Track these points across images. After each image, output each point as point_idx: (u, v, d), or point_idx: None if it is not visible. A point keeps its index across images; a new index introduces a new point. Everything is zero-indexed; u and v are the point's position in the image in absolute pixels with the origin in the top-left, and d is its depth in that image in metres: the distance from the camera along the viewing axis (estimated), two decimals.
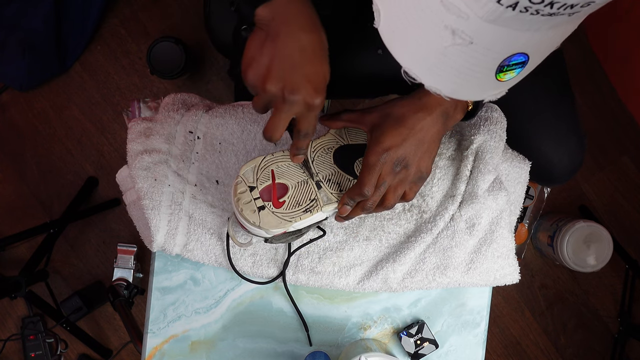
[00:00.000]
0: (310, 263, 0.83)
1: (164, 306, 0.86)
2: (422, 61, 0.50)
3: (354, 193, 0.69)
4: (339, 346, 0.87)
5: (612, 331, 1.69)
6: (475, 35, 0.45)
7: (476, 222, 0.82)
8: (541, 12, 0.42)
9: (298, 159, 0.69)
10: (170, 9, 1.64)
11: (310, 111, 0.62)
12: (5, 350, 1.59)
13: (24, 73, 1.55)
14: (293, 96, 0.60)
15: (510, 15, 0.42)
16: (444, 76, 0.51)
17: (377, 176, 0.68)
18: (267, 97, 0.62)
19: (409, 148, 0.69)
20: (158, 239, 0.80)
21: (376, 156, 0.68)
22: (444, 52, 0.48)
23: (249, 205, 0.69)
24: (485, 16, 0.43)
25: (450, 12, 0.44)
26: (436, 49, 0.48)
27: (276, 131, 0.63)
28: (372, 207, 0.71)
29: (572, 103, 0.92)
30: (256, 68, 0.62)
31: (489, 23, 0.44)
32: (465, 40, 0.46)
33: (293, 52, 0.60)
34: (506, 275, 0.85)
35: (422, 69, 0.51)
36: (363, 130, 0.74)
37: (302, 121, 0.64)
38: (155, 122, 0.84)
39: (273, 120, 0.63)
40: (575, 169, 0.92)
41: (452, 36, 0.46)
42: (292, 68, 0.60)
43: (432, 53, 0.49)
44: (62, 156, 1.64)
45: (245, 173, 0.70)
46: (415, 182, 0.72)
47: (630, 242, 1.66)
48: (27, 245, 1.62)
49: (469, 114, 0.75)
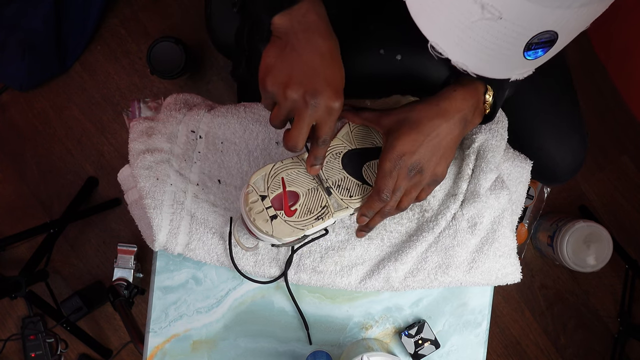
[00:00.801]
0: (312, 262, 0.83)
1: (166, 305, 0.86)
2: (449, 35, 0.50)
3: (372, 201, 0.70)
4: (341, 346, 0.87)
5: (612, 331, 1.69)
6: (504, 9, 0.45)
7: (478, 222, 0.82)
8: None
9: (315, 170, 0.68)
10: (170, 9, 1.64)
11: (330, 115, 0.62)
12: (5, 350, 1.58)
13: (24, 73, 1.55)
14: (315, 99, 0.61)
15: None
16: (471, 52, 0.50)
17: (394, 182, 0.68)
18: (288, 104, 0.62)
19: (424, 154, 0.68)
20: (160, 238, 0.80)
21: (391, 162, 0.68)
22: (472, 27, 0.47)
23: (262, 215, 0.68)
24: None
25: None
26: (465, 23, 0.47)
27: (299, 139, 0.63)
28: (390, 211, 0.71)
29: (575, 101, 0.92)
30: (276, 76, 0.62)
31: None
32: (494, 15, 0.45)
33: (314, 58, 0.61)
34: (508, 275, 0.85)
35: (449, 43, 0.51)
36: (371, 134, 0.74)
37: (322, 127, 0.64)
38: (157, 122, 0.84)
39: (295, 128, 0.63)
40: (577, 167, 0.92)
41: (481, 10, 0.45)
42: (313, 73, 0.61)
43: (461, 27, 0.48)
44: (62, 156, 1.64)
45: (256, 182, 0.69)
46: (430, 185, 0.72)
47: (630, 242, 1.66)
48: (27, 245, 1.62)
49: (487, 117, 0.75)
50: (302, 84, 0.61)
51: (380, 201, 0.69)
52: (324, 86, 0.61)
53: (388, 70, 0.85)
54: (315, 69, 0.61)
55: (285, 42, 0.62)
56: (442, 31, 0.50)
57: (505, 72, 0.54)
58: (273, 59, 0.63)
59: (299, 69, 0.61)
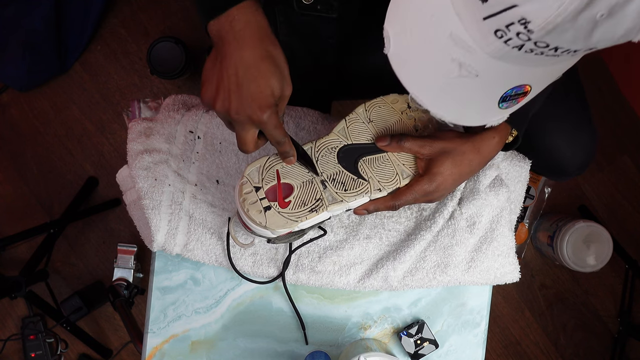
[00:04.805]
0: (311, 262, 0.83)
1: (164, 306, 0.86)
2: (428, 90, 0.52)
3: (384, 204, 0.72)
4: (339, 346, 0.87)
5: (612, 331, 1.69)
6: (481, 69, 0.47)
7: (477, 221, 0.82)
8: (546, 53, 0.43)
9: (289, 162, 0.70)
10: (170, 9, 1.64)
11: (263, 125, 0.62)
12: (5, 350, 1.58)
13: (24, 73, 1.55)
14: (238, 116, 0.61)
15: (515, 54, 0.44)
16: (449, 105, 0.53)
17: (414, 199, 0.72)
18: (221, 116, 0.64)
19: (451, 183, 0.72)
20: (158, 238, 0.80)
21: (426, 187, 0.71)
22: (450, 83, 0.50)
23: (255, 206, 0.69)
24: (491, 53, 0.45)
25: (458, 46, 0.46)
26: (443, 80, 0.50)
27: (244, 146, 0.65)
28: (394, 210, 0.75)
29: (583, 96, 0.92)
30: (208, 90, 0.63)
31: (495, 59, 0.45)
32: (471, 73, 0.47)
33: (237, 71, 0.60)
34: (506, 274, 0.85)
35: (428, 97, 0.53)
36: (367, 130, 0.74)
37: (265, 133, 0.65)
38: (156, 122, 0.84)
39: (237, 136, 0.65)
40: (588, 161, 0.91)
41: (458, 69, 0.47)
42: (236, 88, 0.60)
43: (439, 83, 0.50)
44: (62, 156, 1.64)
45: (250, 173, 0.70)
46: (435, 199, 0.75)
47: (630, 242, 1.66)
48: (27, 245, 1.62)
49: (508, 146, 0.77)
50: (226, 100, 0.61)
51: (392, 208, 0.72)
52: (248, 101, 0.60)
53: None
54: (239, 83, 0.60)
55: (216, 53, 0.62)
56: (421, 85, 0.52)
57: (481, 121, 0.57)
58: (207, 71, 0.63)
59: (224, 83, 0.61)
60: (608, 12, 0.38)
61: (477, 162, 0.72)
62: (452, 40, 0.46)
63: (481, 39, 0.44)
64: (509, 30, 0.41)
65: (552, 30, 0.39)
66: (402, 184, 0.73)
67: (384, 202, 0.72)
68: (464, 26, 0.44)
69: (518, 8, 0.39)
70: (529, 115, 0.73)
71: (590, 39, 0.40)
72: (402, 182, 0.73)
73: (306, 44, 0.86)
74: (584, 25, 0.39)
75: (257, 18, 0.61)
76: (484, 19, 0.42)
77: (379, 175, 0.72)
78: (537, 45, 0.42)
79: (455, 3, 0.44)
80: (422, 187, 0.71)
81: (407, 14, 0.50)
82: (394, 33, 0.51)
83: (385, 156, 0.73)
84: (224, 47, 0.61)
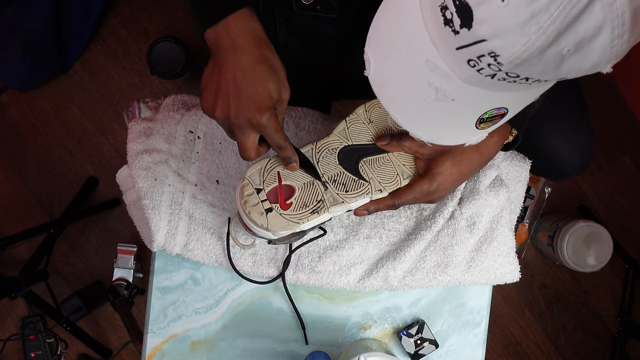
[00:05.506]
0: (311, 262, 0.83)
1: (164, 306, 0.86)
2: (407, 112, 0.54)
3: (384, 204, 0.73)
4: (339, 346, 0.87)
5: (612, 331, 1.69)
6: (457, 93, 0.48)
7: (477, 221, 0.82)
8: (518, 82, 0.45)
9: (292, 168, 0.70)
10: (170, 9, 1.64)
11: (263, 128, 0.63)
12: (5, 350, 1.58)
13: (24, 73, 1.55)
14: (237, 120, 0.62)
15: (489, 82, 0.45)
16: (426, 127, 0.55)
17: (414, 199, 0.72)
18: (220, 123, 0.65)
19: (451, 184, 0.73)
20: (158, 238, 0.80)
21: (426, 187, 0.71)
22: (427, 106, 0.51)
23: (257, 208, 0.69)
24: (466, 79, 0.46)
25: (434, 72, 0.47)
26: (420, 103, 0.51)
27: (245, 152, 0.65)
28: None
29: (581, 96, 0.92)
30: (207, 97, 0.63)
31: (470, 85, 0.47)
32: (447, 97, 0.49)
33: (234, 76, 0.61)
34: (506, 274, 0.85)
35: (406, 118, 0.55)
36: (367, 131, 0.74)
37: (266, 138, 0.65)
38: (156, 122, 0.84)
39: (237, 143, 0.65)
40: (586, 162, 0.91)
41: (435, 93, 0.49)
42: (235, 93, 0.62)
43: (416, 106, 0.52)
44: (62, 156, 1.64)
45: (251, 175, 0.70)
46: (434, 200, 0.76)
47: (630, 242, 1.66)
48: (27, 245, 1.62)
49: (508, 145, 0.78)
50: (225, 105, 0.62)
51: (392, 207, 0.73)
52: (246, 105, 0.61)
53: None
54: (237, 88, 0.61)
55: (214, 60, 0.64)
56: (399, 107, 0.54)
57: (460, 141, 0.58)
58: (205, 79, 0.64)
59: (222, 89, 0.62)
60: (575, 47, 0.39)
61: (476, 161, 0.72)
62: (428, 66, 0.47)
63: (455, 67, 0.45)
64: (481, 61, 0.43)
65: (521, 63, 0.41)
66: (402, 185, 0.73)
67: (384, 202, 0.73)
68: (439, 54, 0.46)
69: (487, 42, 0.41)
70: (529, 115, 0.73)
71: (559, 71, 0.42)
72: (402, 183, 0.73)
73: (306, 44, 0.86)
74: (551, 59, 0.40)
75: (253, 25, 0.63)
76: (457, 49, 0.43)
77: (379, 176, 0.72)
78: (509, 75, 0.43)
79: (430, 32, 0.45)
80: (422, 187, 0.71)
81: (386, 39, 0.51)
82: (374, 56, 0.52)
83: (385, 157, 0.73)
84: (221, 54, 0.62)
